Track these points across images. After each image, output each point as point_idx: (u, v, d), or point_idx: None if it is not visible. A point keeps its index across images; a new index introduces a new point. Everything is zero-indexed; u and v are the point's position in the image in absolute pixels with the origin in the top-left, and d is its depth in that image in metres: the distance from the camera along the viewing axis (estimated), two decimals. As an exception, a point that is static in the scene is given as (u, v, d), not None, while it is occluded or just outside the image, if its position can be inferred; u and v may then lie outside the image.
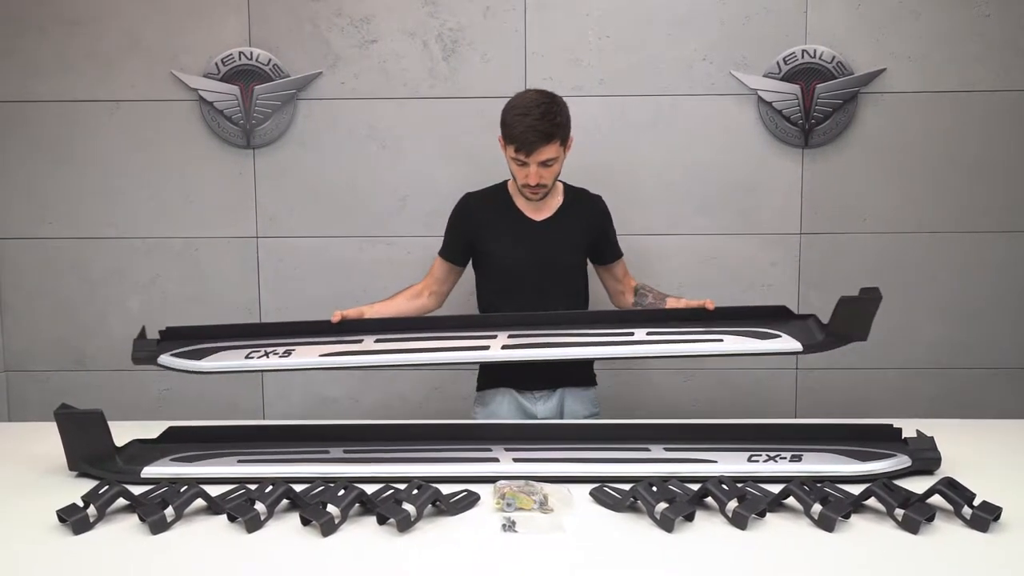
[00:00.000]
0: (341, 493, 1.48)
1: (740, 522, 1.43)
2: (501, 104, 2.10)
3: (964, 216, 2.74)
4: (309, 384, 2.87)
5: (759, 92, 2.70)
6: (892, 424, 1.80)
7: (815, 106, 2.69)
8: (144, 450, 1.78)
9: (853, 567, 1.32)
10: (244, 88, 2.73)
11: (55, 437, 1.70)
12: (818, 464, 1.67)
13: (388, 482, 1.59)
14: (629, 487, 1.53)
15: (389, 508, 1.44)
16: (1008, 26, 2.66)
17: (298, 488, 1.54)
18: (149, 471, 1.67)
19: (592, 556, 1.36)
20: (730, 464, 1.67)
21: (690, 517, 1.46)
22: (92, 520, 1.45)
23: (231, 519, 1.46)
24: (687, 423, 1.90)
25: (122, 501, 1.51)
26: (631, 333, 1.91)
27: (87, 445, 1.69)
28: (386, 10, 2.72)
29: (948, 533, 1.41)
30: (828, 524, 1.42)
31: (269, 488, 1.51)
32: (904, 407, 2.76)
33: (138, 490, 1.53)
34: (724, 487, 1.50)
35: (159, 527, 1.43)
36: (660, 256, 2.74)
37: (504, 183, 2.28)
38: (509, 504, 1.50)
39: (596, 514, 1.51)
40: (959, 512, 1.44)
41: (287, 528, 1.45)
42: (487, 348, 1.91)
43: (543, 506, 1.50)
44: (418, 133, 2.76)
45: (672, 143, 2.75)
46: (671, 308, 2.09)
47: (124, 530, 1.45)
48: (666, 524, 1.42)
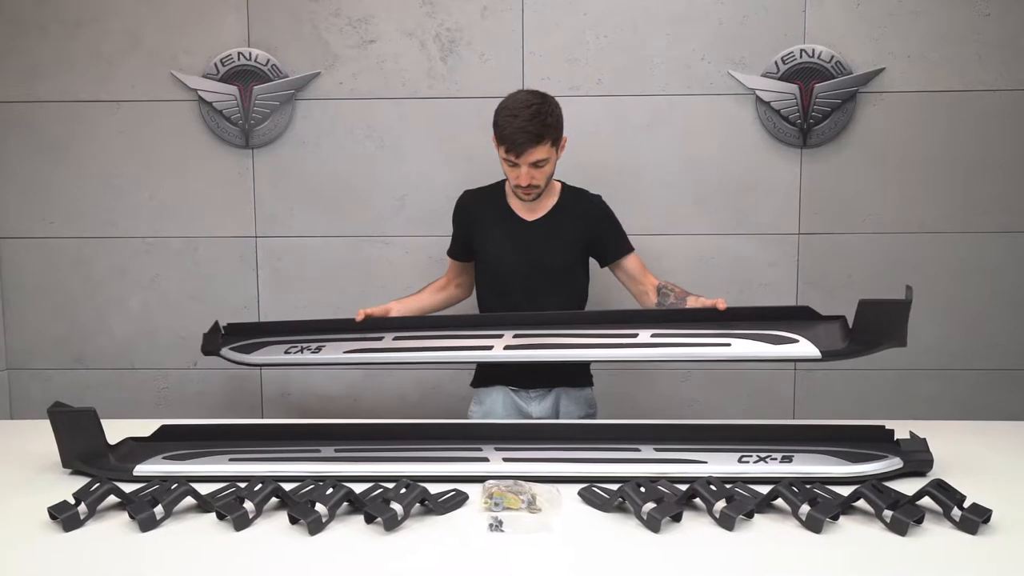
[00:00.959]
0: (329, 492, 1.49)
1: (727, 523, 1.43)
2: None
3: (963, 216, 2.73)
4: (308, 383, 2.88)
5: (757, 92, 2.69)
6: (884, 426, 1.79)
7: (813, 106, 2.68)
8: (137, 448, 1.79)
9: (839, 568, 1.31)
10: (243, 88, 2.75)
11: (52, 435, 1.72)
12: (808, 465, 1.66)
13: (377, 481, 1.60)
14: (617, 487, 1.53)
15: (376, 507, 1.45)
16: (1008, 26, 2.64)
17: (288, 487, 1.55)
18: (141, 469, 1.69)
19: (578, 556, 1.37)
20: (720, 465, 1.67)
21: (677, 518, 1.46)
22: (83, 517, 1.46)
23: (220, 517, 1.47)
24: (678, 423, 1.90)
25: (113, 498, 1.52)
26: (635, 335, 1.90)
27: (80, 443, 1.71)
28: (384, 10, 2.73)
29: (936, 535, 1.41)
30: (816, 525, 1.42)
31: (258, 487, 1.52)
32: (903, 408, 2.75)
33: (129, 488, 1.55)
34: (712, 488, 1.50)
35: (148, 525, 1.44)
36: (658, 256, 2.73)
37: (502, 182, 2.28)
38: (497, 504, 1.50)
39: (584, 514, 1.52)
40: (948, 514, 1.44)
41: (275, 526, 1.46)
42: (490, 348, 1.94)
43: (531, 506, 1.50)
44: (416, 133, 2.77)
45: (670, 143, 2.74)
46: (686, 309, 2.04)
47: (114, 527, 1.46)
48: (653, 524, 1.42)
